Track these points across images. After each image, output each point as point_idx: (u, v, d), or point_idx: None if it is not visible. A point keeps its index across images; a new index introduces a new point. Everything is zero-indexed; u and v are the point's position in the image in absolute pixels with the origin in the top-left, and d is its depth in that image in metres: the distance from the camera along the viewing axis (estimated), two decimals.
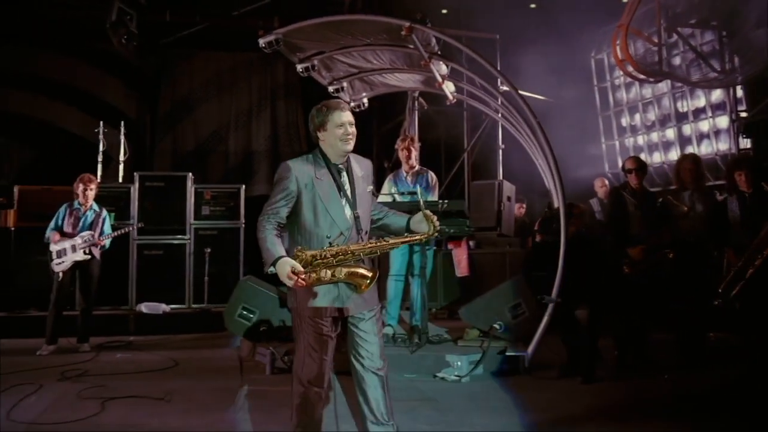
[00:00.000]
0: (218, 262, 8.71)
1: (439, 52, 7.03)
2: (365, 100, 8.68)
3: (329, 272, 3.28)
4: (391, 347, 5.96)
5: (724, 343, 6.47)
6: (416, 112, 9.96)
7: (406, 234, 3.58)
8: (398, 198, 6.75)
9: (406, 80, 8.28)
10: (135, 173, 8.83)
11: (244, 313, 6.37)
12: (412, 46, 6.77)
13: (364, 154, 10.80)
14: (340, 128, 3.59)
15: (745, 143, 8.31)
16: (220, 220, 8.90)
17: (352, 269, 3.30)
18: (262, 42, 6.52)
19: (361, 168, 3.66)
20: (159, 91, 12.04)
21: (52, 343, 6.87)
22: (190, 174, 8.95)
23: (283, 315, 6.42)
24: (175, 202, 8.79)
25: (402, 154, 6.68)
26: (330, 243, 3.37)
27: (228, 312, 6.46)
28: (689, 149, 9.38)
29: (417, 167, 6.74)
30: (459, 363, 5.55)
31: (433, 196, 6.78)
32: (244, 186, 9.15)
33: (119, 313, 8.27)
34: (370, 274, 3.31)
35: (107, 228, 7.23)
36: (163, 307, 8.34)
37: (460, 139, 10.75)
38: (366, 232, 3.49)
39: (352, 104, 8.52)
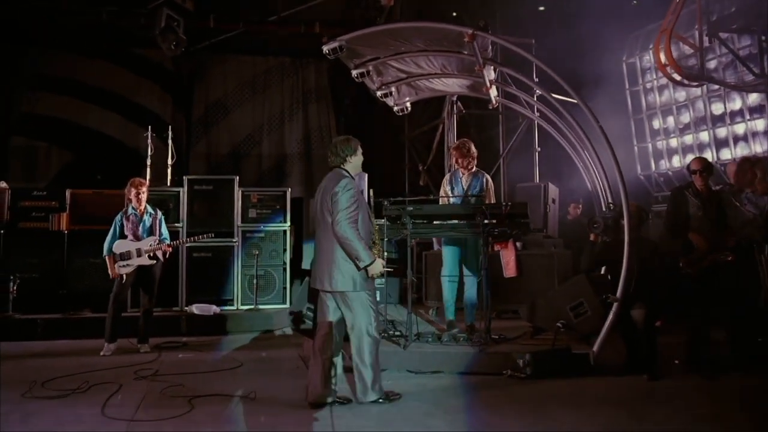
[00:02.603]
0: (265, 264, 8.84)
1: (492, 58, 7.21)
2: (408, 104, 8.83)
3: None
4: (454, 346, 6.13)
5: None
6: (455, 116, 10.11)
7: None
8: (453, 200, 6.94)
9: (451, 85, 8.42)
10: (184, 177, 8.96)
11: (309, 313, 6.49)
12: (466, 52, 6.92)
13: (398, 157, 11.10)
14: (362, 157, 5.10)
15: None
16: (266, 223, 9.03)
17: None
18: (326, 49, 6.66)
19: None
20: (193, 95, 12.19)
21: (112, 341, 6.98)
22: (237, 177, 9.08)
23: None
24: (222, 204, 8.93)
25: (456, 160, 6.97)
26: (373, 240, 4.99)
27: (293, 311, 6.58)
28: (725, 151, 9.54)
29: (474, 169, 6.95)
30: (523, 361, 5.71)
31: (489, 198, 6.97)
32: (290, 189, 9.26)
33: (171, 314, 8.40)
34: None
35: (164, 230, 7.36)
36: (214, 309, 8.46)
37: (496, 142, 10.90)
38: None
39: (396, 108, 8.70)
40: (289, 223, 9.10)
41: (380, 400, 4.86)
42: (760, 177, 6.04)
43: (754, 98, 9.12)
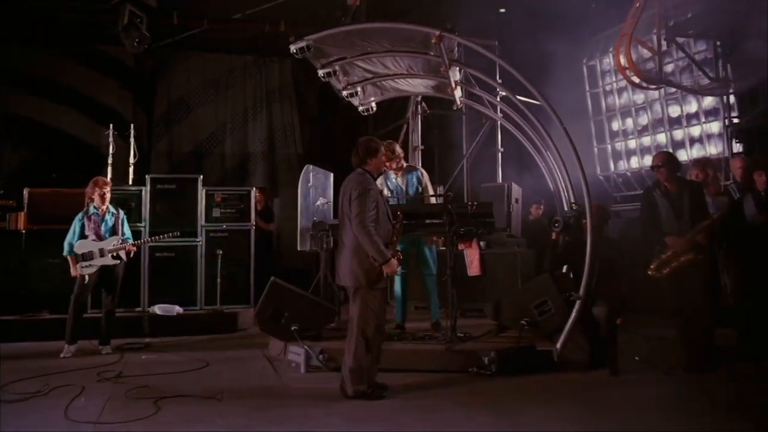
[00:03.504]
0: (229, 264, 8.77)
1: (457, 60, 7.30)
2: (374, 104, 8.88)
3: None
4: (421, 344, 6.19)
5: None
6: (419, 116, 10.18)
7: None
8: (392, 200, 7.01)
9: (417, 85, 8.50)
10: (146, 176, 8.83)
11: (275, 313, 6.46)
12: (433, 53, 6.99)
13: None
14: (383, 156, 5.49)
15: (738, 148, 8.73)
16: (230, 222, 8.96)
17: (399, 255, 5.14)
18: (293, 48, 6.66)
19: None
20: (155, 93, 12.02)
21: (73, 343, 6.85)
22: (201, 176, 8.99)
23: (312, 315, 6.59)
24: (186, 204, 8.82)
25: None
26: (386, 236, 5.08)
27: (259, 312, 6.55)
28: (681, 153, 9.79)
29: (404, 165, 7.23)
30: (488, 359, 5.79)
31: (427, 191, 7.12)
32: (254, 188, 9.20)
33: (133, 315, 8.27)
34: (401, 255, 5.24)
35: (127, 229, 7.25)
36: (177, 309, 8.36)
37: (460, 142, 11.00)
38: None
39: (361, 108, 8.73)
40: (253, 223, 9.04)
41: (360, 398, 4.95)
42: (712, 178, 6.23)
43: (709, 101, 9.39)
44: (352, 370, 5.02)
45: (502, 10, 11.86)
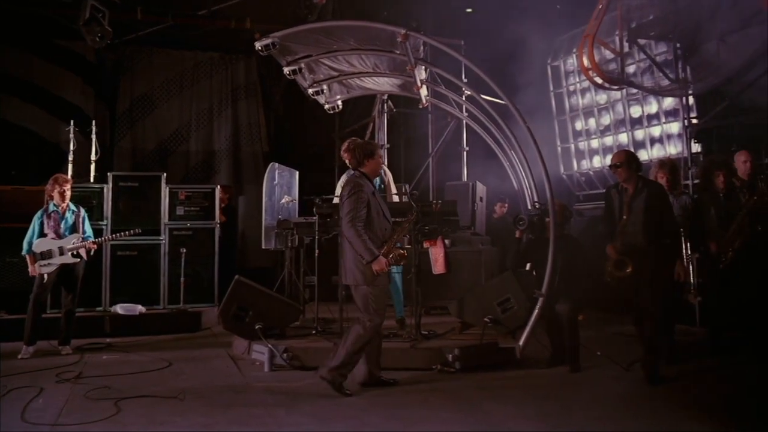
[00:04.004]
0: (193, 263, 8.68)
1: (423, 58, 7.34)
2: (339, 103, 8.88)
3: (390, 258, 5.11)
4: (388, 342, 6.21)
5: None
6: (385, 115, 10.21)
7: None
8: None
9: (383, 84, 8.52)
10: (108, 173, 8.69)
11: (239, 312, 6.42)
12: (398, 52, 7.01)
13: (328, 155, 11.05)
14: (380, 158, 5.47)
15: (696, 148, 8.92)
16: (194, 220, 8.86)
17: (398, 252, 5.18)
18: (258, 45, 6.62)
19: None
20: (118, 89, 11.81)
21: (31, 344, 6.72)
22: (165, 174, 8.88)
23: (276, 313, 6.56)
24: (149, 202, 8.70)
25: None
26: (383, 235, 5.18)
27: (223, 311, 6.50)
28: (642, 153, 9.97)
29: None
30: (452, 356, 5.84)
31: (389, 188, 7.16)
32: (218, 186, 9.12)
33: (94, 314, 8.12)
34: (405, 253, 5.30)
35: (88, 227, 7.13)
36: (139, 308, 8.24)
37: (425, 141, 11.05)
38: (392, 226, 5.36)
39: (327, 106, 8.72)
40: (217, 221, 8.96)
41: (328, 382, 5.05)
42: (668, 178, 6.27)
43: (669, 102, 9.57)
44: (342, 361, 5.08)
45: (469, 10, 11.95)
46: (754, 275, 5.95)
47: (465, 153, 10.55)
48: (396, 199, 7.21)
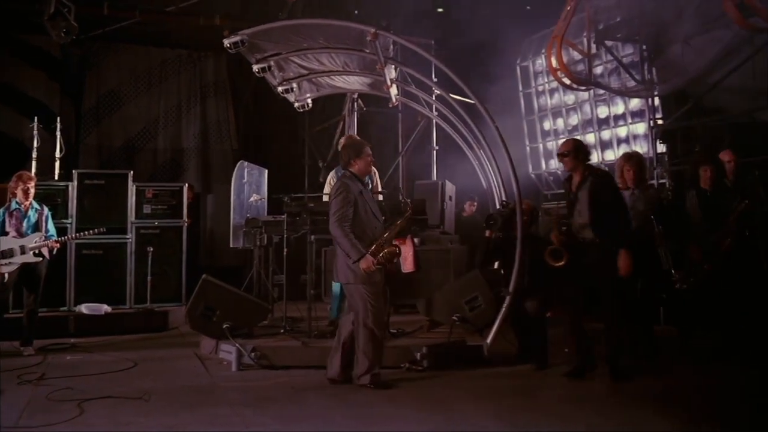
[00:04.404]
0: (161, 261, 8.57)
1: (393, 58, 7.35)
2: (309, 101, 8.84)
3: (381, 256, 5.16)
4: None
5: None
6: (355, 114, 10.20)
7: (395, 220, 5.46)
8: None
9: (353, 82, 8.50)
10: (73, 171, 8.54)
11: (207, 311, 6.37)
12: (369, 51, 7.00)
13: (298, 153, 11.02)
14: (368, 157, 5.44)
15: (662, 148, 9.07)
16: (162, 219, 8.75)
17: (389, 250, 5.22)
18: (227, 42, 6.56)
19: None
20: (84, 85, 11.61)
21: None
22: (131, 172, 8.76)
23: (244, 313, 6.52)
24: (115, 200, 8.57)
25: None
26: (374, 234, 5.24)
27: (190, 310, 6.44)
28: (609, 153, 10.12)
29: None
30: (420, 354, 5.85)
31: (377, 187, 7.17)
32: (186, 185, 9.02)
33: (58, 314, 7.98)
34: (398, 250, 5.33)
35: (51, 226, 7.02)
36: (105, 308, 8.12)
37: (395, 140, 11.07)
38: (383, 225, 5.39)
39: (296, 104, 8.68)
40: (185, 219, 8.86)
41: (370, 386, 5.14)
42: (634, 171, 6.16)
43: (635, 103, 9.71)
44: (368, 365, 5.18)
45: (440, 10, 12.00)
46: (734, 279, 5.94)
47: (435, 152, 10.59)
48: (380, 198, 7.19)
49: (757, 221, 6.08)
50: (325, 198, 6.98)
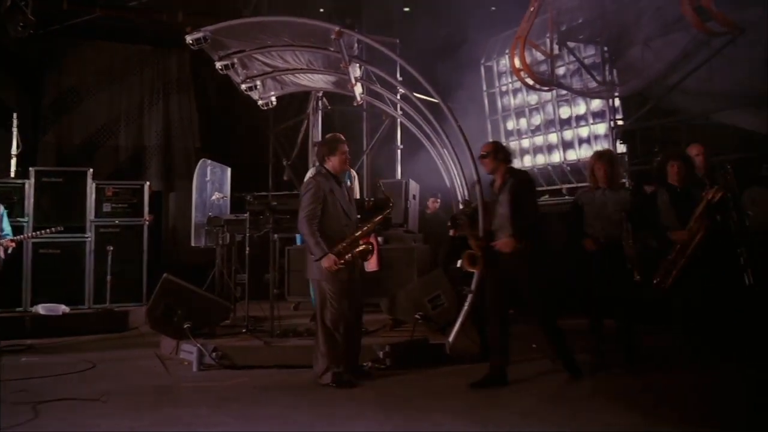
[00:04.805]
0: (121, 261, 8.43)
1: (357, 56, 7.34)
2: (273, 99, 8.77)
3: (348, 255, 5.17)
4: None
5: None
6: (320, 112, 10.17)
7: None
8: None
9: (317, 81, 8.47)
10: (31, 168, 8.36)
11: (167, 311, 6.28)
12: (333, 49, 6.98)
13: (261, 152, 10.91)
14: (343, 155, 5.44)
15: (622, 148, 9.23)
16: (122, 217, 8.62)
17: (361, 249, 5.26)
18: (189, 39, 6.47)
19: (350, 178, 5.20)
20: (43, 81, 11.37)
21: None
22: (91, 170, 8.60)
23: (206, 312, 6.46)
24: (73, 198, 8.41)
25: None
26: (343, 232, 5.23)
27: (150, 310, 6.35)
28: (570, 153, 10.25)
29: None
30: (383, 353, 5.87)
31: (353, 192, 7.15)
32: (147, 183, 8.89)
33: (13, 315, 7.81)
34: (370, 247, 5.36)
35: (6, 225, 6.90)
36: (63, 308, 7.96)
37: (360, 139, 11.06)
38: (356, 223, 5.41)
39: (260, 102, 8.61)
40: (146, 218, 8.74)
41: (332, 385, 5.15)
42: (606, 169, 5.89)
43: (596, 104, 9.86)
44: (326, 364, 5.22)
45: (407, 9, 12.03)
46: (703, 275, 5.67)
47: (399, 151, 10.61)
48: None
49: (730, 208, 5.84)
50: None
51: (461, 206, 7.35)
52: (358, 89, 8.33)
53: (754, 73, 7.35)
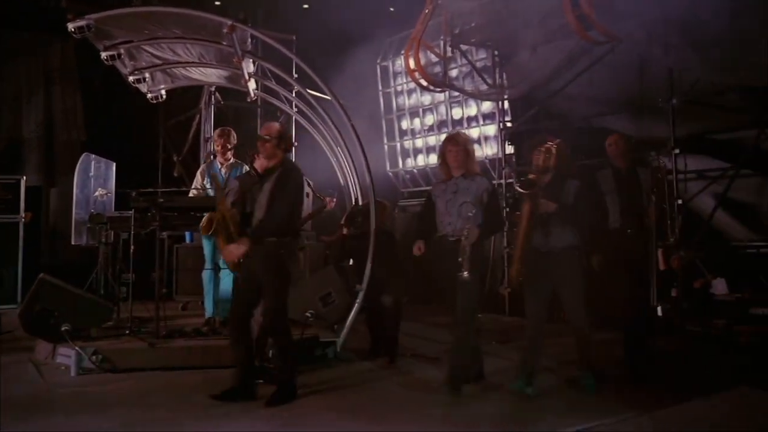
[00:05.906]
0: None
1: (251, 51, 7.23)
2: (163, 92, 8.49)
3: None
4: (209, 339, 6.08)
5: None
6: (212, 107, 9.95)
7: None
8: (211, 192, 6.82)
9: (210, 75, 8.28)
10: None
11: (43, 313, 5.94)
12: (226, 43, 6.84)
13: (150, 147, 10.54)
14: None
15: (510, 149, 9.59)
16: None
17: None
18: (71, 27, 6.13)
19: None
20: None
21: None
22: None
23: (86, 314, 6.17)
24: None
25: (218, 148, 6.88)
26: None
27: (23, 313, 5.99)
28: None
29: (232, 160, 6.95)
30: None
31: None
32: (24, 177, 8.38)
33: None
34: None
35: None
36: None
37: (254, 135, 10.85)
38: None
39: (149, 95, 8.32)
40: (23, 215, 8.24)
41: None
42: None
43: (487, 106, 10.22)
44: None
45: (306, 6, 11.94)
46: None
47: (294, 148, 10.51)
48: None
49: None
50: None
51: (354, 204, 7.41)
52: (251, 85, 8.22)
53: (630, 80, 7.82)
